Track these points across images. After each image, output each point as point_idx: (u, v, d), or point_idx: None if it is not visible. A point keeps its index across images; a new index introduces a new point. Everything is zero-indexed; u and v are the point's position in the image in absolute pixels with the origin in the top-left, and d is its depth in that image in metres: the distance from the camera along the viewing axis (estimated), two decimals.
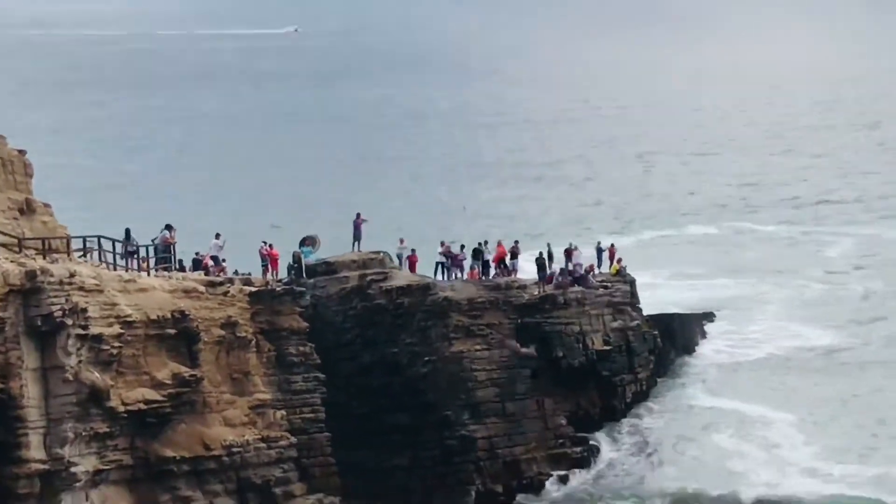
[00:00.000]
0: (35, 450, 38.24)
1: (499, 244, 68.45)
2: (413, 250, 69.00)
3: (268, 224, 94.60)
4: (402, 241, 69.40)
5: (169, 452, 42.39)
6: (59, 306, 38.62)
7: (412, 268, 67.85)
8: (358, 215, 69.81)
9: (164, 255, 51.39)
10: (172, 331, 43.68)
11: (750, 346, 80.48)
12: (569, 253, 70.13)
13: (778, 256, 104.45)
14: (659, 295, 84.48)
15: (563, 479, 62.04)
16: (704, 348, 80.00)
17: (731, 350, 79.87)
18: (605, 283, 70.42)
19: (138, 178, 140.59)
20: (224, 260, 57.72)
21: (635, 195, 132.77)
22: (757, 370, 76.21)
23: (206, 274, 53.87)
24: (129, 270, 47.40)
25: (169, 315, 43.61)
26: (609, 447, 65.38)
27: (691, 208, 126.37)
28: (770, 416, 67.52)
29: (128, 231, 50.91)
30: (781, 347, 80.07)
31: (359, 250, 68.46)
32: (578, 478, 62.32)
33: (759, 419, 67.39)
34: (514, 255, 68.39)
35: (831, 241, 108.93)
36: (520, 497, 61.00)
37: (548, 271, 67.06)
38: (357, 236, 69.21)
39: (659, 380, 73.87)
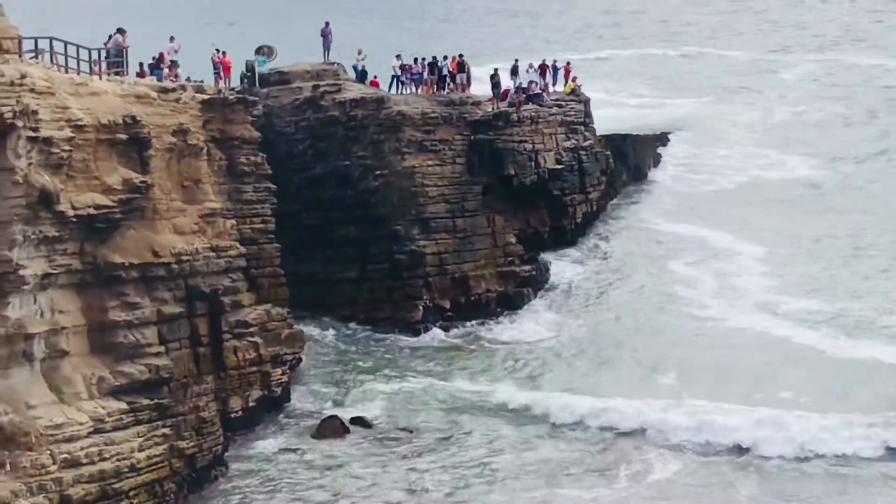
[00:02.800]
0: None
1: (453, 59, 67.72)
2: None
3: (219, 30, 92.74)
4: (359, 52, 68.64)
5: (118, 258, 42.18)
6: (9, 108, 37.97)
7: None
8: (327, 24, 68.78)
9: (117, 59, 50.54)
10: (123, 136, 43.15)
11: (711, 172, 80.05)
12: (543, 68, 70.40)
13: (735, 77, 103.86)
14: (612, 114, 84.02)
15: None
16: (658, 174, 79.67)
17: (690, 176, 79.40)
18: (559, 102, 70.23)
19: None
20: (178, 65, 56.72)
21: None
22: (717, 199, 75.88)
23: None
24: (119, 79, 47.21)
25: (120, 120, 43.07)
26: (559, 267, 65.86)
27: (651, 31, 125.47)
28: (733, 246, 67.54)
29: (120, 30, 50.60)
30: (747, 175, 79.33)
31: (328, 59, 67.77)
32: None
33: (720, 248, 67.53)
34: (462, 68, 67.63)
35: (792, 63, 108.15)
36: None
37: (502, 88, 66.75)
38: (327, 45, 68.31)
39: (610, 203, 74.14)
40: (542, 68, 71.21)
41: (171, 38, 57.31)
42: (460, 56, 67.74)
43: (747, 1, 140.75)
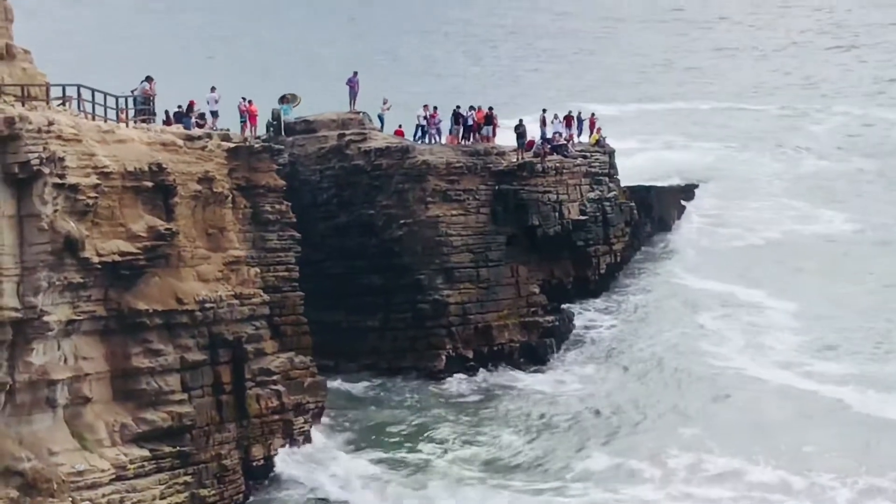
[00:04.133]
0: (8, 297, 38.03)
1: (478, 109, 67.76)
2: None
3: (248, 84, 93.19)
4: (385, 101, 68.76)
5: (142, 305, 42.29)
6: (36, 154, 38.24)
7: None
8: (355, 74, 69.00)
9: (144, 106, 50.85)
10: (149, 183, 43.32)
11: (738, 226, 79.46)
12: (569, 119, 70.34)
13: (763, 130, 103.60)
14: (638, 165, 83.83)
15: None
16: (683, 226, 79.38)
17: (716, 230, 78.79)
18: (583, 153, 70.28)
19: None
20: (217, 115, 57.00)
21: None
22: (744, 254, 75.27)
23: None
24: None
25: (146, 167, 43.25)
26: (583, 318, 65.71)
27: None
28: (764, 302, 66.75)
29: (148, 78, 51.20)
30: (775, 230, 78.46)
31: (354, 108, 67.96)
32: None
33: (748, 303, 66.81)
34: (489, 121, 67.60)
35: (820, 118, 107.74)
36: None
37: (527, 138, 66.78)
38: (353, 95, 68.52)
39: (634, 255, 73.99)
40: (568, 119, 71.29)
41: (213, 89, 57.65)
42: (489, 109, 67.80)
43: (777, 59, 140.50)
